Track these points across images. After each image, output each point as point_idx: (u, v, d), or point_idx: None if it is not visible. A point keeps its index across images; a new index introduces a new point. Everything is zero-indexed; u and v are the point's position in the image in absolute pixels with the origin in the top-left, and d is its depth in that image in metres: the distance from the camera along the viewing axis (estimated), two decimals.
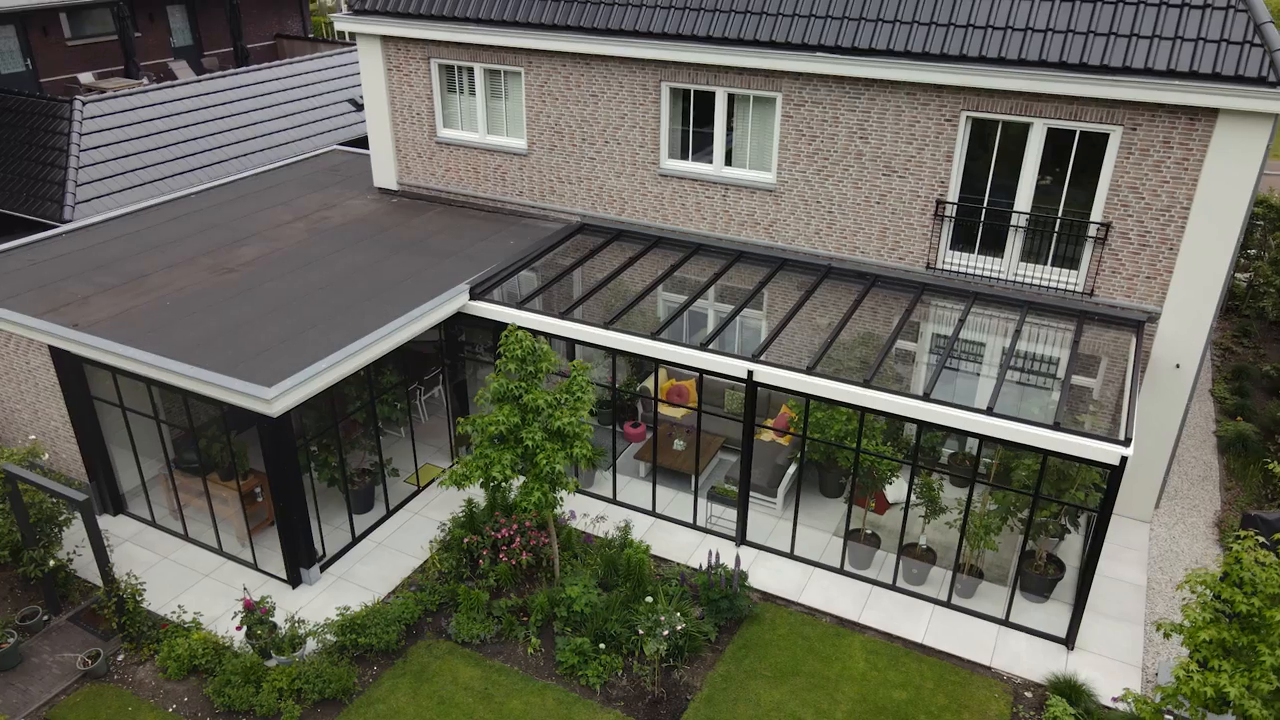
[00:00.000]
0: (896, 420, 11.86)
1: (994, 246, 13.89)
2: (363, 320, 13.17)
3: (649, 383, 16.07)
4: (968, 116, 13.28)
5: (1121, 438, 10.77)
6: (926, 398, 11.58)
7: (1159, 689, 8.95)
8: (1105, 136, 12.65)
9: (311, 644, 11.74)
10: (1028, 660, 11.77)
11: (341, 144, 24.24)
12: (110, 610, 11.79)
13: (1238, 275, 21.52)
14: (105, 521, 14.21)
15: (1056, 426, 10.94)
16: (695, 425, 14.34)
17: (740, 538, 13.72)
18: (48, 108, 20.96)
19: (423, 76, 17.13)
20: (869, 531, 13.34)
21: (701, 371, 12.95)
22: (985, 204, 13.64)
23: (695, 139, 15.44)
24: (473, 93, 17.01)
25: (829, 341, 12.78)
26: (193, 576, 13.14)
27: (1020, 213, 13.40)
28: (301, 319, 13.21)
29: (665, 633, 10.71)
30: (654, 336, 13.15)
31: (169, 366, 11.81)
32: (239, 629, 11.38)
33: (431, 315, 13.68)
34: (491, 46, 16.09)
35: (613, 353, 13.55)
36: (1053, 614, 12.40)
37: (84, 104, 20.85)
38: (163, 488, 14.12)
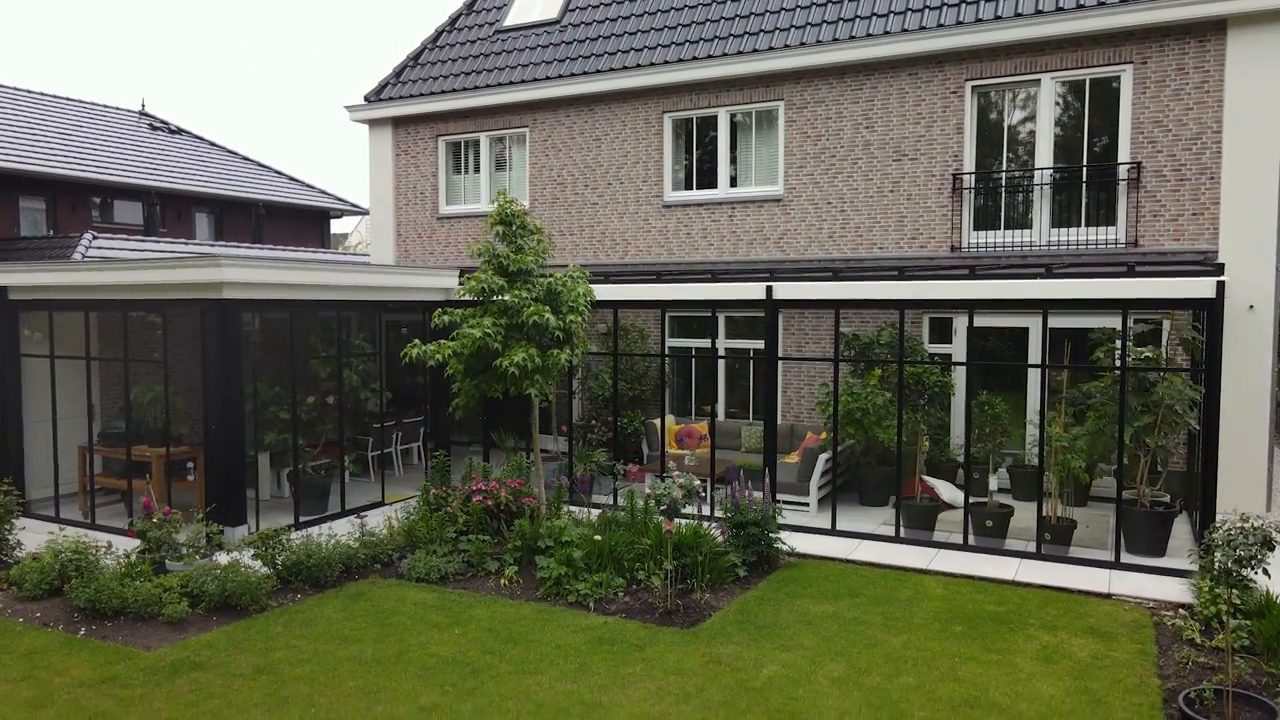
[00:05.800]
0: (942, 309, 10.20)
1: (1021, 217, 13.03)
2: None
3: (656, 422, 14.24)
4: (973, 86, 13.17)
5: (1210, 265, 9.16)
6: (974, 273, 10.08)
7: None
8: (1117, 79, 12.41)
9: (222, 555, 9.03)
10: (1155, 590, 8.94)
11: None
12: None
13: None
14: None
15: (1132, 270, 9.35)
16: (709, 450, 12.39)
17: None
18: (60, 241, 21.15)
19: (429, 155, 17.43)
20: (923, 495, 10.92)
21: (715, 304, 11.46)
22: (1005, 169, 13.04)
23: (699, 170, 15.22)
24: (477, 170, 17.19)
25: (854, 273, 11.48)
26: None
27: (1043, 169, 12.74)
28: None
29: (681, 480, 8.18)
30: (660, 278, 11.84)
31: (110, 264, 10.49)
32: (130, 533, 8.81)
33: (414, 279, 12.49)
34: (498, 108, 16.51)
35: (614, 307, 12.11)
36: (1173, 564, 9.68)
37: (94, 237, 21.08)
38: (78, 485, 11.87)
